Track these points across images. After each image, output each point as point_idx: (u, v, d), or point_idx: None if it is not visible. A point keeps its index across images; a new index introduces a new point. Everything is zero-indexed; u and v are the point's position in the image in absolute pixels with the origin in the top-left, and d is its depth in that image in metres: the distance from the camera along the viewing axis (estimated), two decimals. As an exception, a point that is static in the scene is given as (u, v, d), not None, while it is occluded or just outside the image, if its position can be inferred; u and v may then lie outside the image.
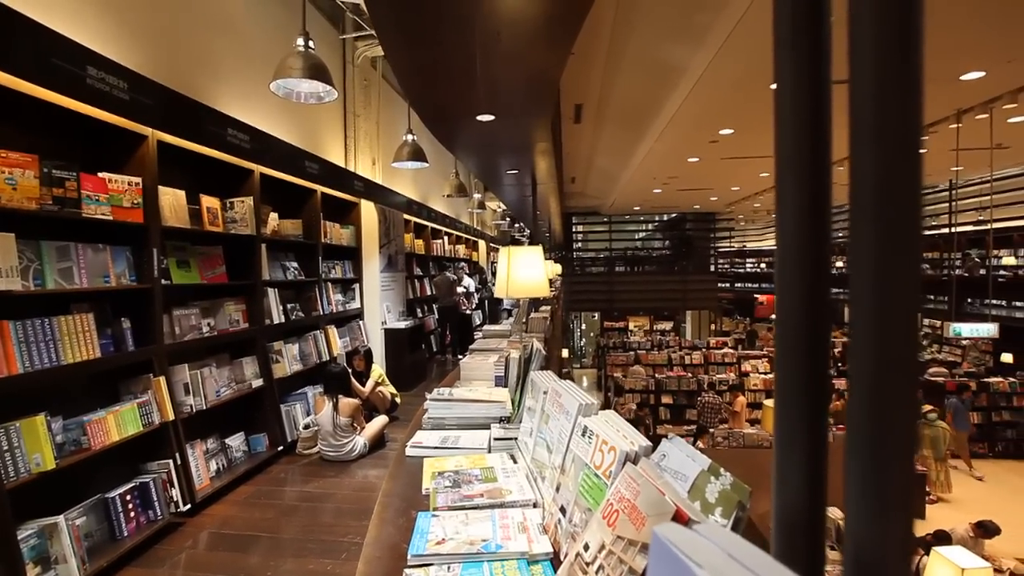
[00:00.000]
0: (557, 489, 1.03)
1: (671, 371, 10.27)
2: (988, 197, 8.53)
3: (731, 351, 11.29)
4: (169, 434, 3.03)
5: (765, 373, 10.28)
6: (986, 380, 9.50)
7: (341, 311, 5.77)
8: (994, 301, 9.99)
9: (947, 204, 10.54)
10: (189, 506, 3.06)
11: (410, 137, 5.03)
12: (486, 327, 4.37)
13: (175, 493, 2.98)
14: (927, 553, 3.16)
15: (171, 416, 3.02)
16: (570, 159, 9.91)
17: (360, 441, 4.16)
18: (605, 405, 12.75)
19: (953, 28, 4.47)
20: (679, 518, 0.63)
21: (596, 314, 19.41)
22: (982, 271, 11.15)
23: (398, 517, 1.12)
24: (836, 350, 14.11)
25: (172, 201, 3.28)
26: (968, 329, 7.41)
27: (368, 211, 6.39)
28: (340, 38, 5.83)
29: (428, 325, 8.41)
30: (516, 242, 12.74)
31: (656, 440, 0.84)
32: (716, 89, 5.68)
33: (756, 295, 23.50)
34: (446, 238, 10.27)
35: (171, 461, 3.00)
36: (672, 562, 0.32)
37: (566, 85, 6.21)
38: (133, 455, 2.95)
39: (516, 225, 13.91)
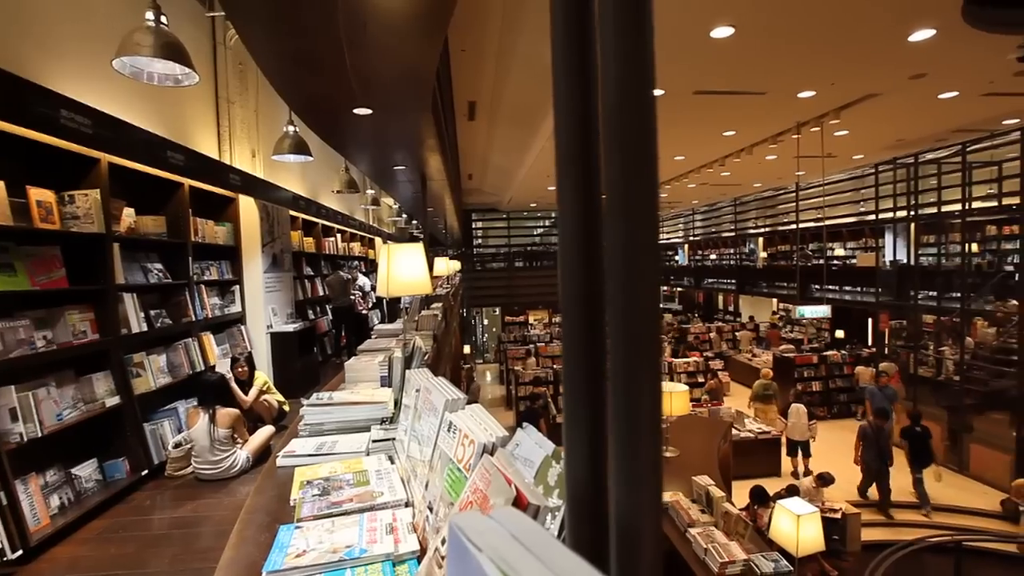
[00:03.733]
0: (426, 486, 1.04)
1: (569, 361, 10.73)
2: (822, 198, 9.99)
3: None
4: (-10, 470, 2.56)
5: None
6: (825, 353, 11.16)
7: (219, 316, 5.27)
8: (830, 286, 11.79)
9: (793, 204, 12.17)
10: (20, 552, 2.61)
11: (291, 128, 4.71)
12: (380, 326, 4.24)
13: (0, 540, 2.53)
14: (774, 503, 3.68)
15: (-8, 448, 2.56)
16: (466, 156, 9.94)
17: (242, 455, 3.84)
18: (507, 398, 13.04)
19: (791, 52, 5.18)
20: (520, 502, 0.66)
21: (497, 309, 19.71)
22: (820, 261, 13.05)
23: (260, 533, 1.05)
24: (711, 335, 15.71)
25: (-13, 193, 2.76)
26: (810, 311, 8.65)
27: (248, 207, 5.88)
28: (208, 15, 5.27)
29: (321, 327, 7.98)
30: (415, 239, 12.50)
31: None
32: (600, 93, 6.01)
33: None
34: (339, 236, 9.78)
35: (-6, 501, 2.54)
36: (460, 548, 0.34)
37: (459, 81, 6.21)
38: (-60, 499, 2.46)
39: (414, 222, 13.66)
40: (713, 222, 22.04)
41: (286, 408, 4.92)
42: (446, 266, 8.85)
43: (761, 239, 19.25)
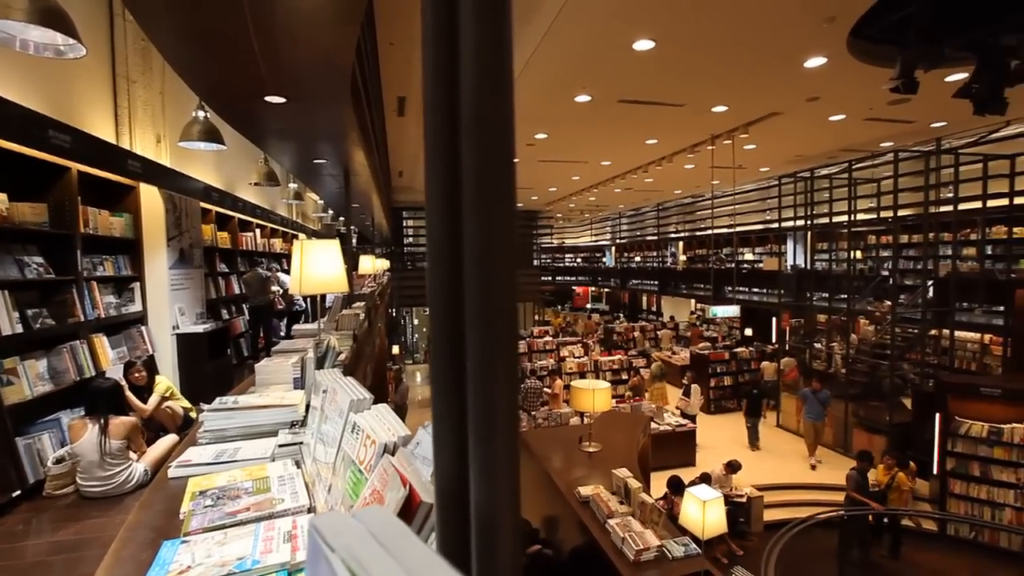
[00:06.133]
0: (329, 490, 1.00)
1: (499, 361, 10.81)
2: (733, 207, 10.78)
3: (551, 339, 12.32)
4: None
5: (579, 357, 11.48)
6: (735, 350, 12.04)
7: (114, 316, 4.78)
8: (740, 288, 12.76)
9: (709, 211, 13.04)
10: None
11: (202, 114, 4.36)
12: (298, 326, 4.05)
13: None
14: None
15: None
16: (396, 152, 9.73)
17: (139, 468, 3.50)
18: (438, 399, 12.90)
19: (706, 69, 5.54)
20: (412, 500, 0.66)
21: (427, 309, 19.41)
22: (732, 264, 14.08)
23: (141, 551, 0.97)
24: (635, 334, 16.45)
25: None
26: (722, 310, 9.31)
27: (151, 197, 5.39)
28: (103, -17, 4.77)
29: (236, 327, 7.48)
30: (342, 236, 12.03)
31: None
32: (529, 95, 6.11)
33: (574, 287, 26.08)
34: (259, 231, 9.21)
35: None
36: (315, 550, 0.34)
37: (388, 75, 6.07)
38: None
39: (341, 218, 13.16)
40: (638, 226, 23.11)
41: (193, 415, 4.56)
42: (372, 264, 8.61)
43: (681, 243, 20.45)
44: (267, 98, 2.40)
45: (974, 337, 9.80)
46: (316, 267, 1.82)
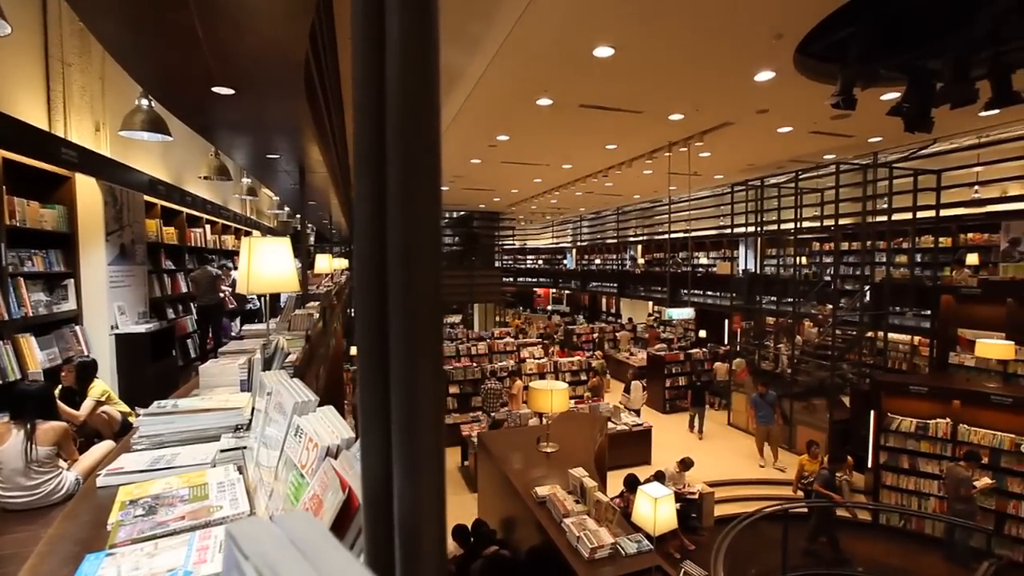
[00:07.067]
0: (270, 496, 0.98)
1: (458, 362, 10.75)
2: (688, 212, 11.13)
3: (512, 340, 12.36)
4: None
5: (539, 358, 11.56)
6: (690, 351, 12.44)
7: (44, 315, 4.47)
8: (695, 291, 13.20)
9: (667, 215, 13.41)
10: None
11: (145, 102, 4.14)
12: (248, 326, 3.91)
13: None
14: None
15: None
16: (356, 149, 9.52)
17: (70, 477, 3.27)
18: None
19: (663, 78, 5.70)
20: (352, 504, 0.65)
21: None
22: (687, 268, 14.53)
23: (62, 567, 0.91)
24: (595, 336, 16.71)
25: None
26: (677, 313, 9.59)
27: (88, 188, 5.07)
28: (35, -41, 4.46)
29: (183, 327, 7.14)
30: (298, 234, 11.69)
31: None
32: (491, 97, 6.12)
33: (535, 288, 26.27)
34: (209, 227, 8.82)
35: None
36: (230, 558, 0.33)
37: (348, 71, 5.93)
38: None
39: (298, 215, 12.76)
40: (598, 229, 23.51)
41: (132, 420, 4.31)
42: (329, 263, 8.40)
43: (640, 247, 20.94)
44: (214, 88, 2.29)
45: (905, 339, 10.50)
46: (265, 266, 1.75)
